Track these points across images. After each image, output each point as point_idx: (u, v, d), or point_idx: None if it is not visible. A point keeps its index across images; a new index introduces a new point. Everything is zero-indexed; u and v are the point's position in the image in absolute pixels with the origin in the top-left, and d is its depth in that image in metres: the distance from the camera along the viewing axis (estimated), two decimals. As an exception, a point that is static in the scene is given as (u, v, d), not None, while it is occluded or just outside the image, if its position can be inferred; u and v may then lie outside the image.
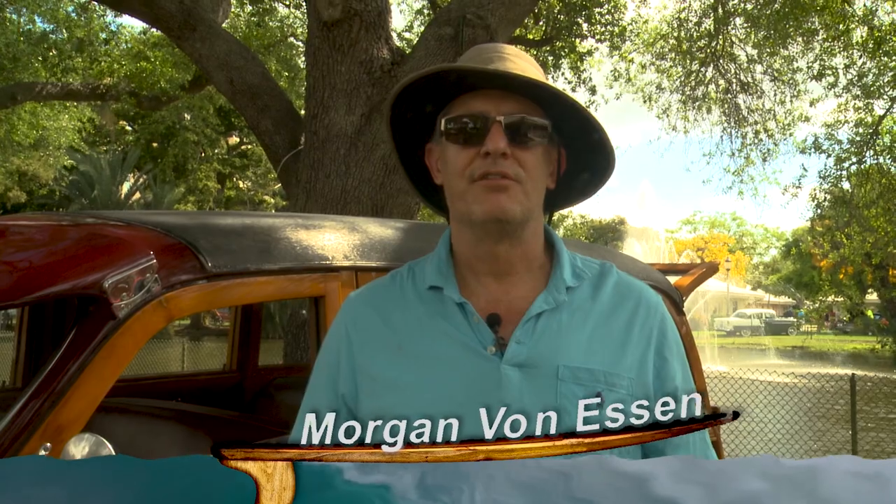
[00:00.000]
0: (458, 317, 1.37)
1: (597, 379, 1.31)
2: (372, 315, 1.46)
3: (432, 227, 3.44)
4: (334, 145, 5.65)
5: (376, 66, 5.77)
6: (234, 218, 2.48)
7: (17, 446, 1.79)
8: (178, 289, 2.05)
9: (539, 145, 1.35)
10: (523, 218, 1.34)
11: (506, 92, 1.34)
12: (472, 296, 1.39)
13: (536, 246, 1.42)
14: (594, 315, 1.38)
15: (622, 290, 1.42)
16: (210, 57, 6.51)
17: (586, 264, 1.44)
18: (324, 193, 5.56)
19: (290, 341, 5.50)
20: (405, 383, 1.36)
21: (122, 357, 1.96)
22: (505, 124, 1.32)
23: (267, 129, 6.39)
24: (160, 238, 2.13)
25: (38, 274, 2.03)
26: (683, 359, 1.42)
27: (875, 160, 14.74)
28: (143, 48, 14.43)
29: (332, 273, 2.34)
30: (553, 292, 1.37)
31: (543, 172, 1.37)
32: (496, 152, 1.31)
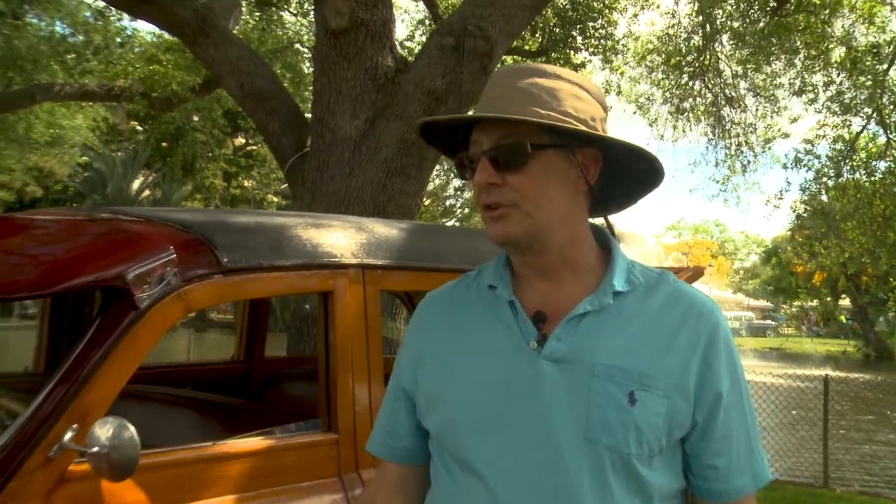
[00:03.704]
0: (508, 314, 1.38)
1: (631, 378, 1.28)
2: (439, 312, 1.50)
3: (433, 228, 3.47)
4: (339, 148, 5.66)
5: (381, 73, 5.78)
6: (248, 216, 2.50)
7: (46, 429, 1.81)
8: (195, 282, 2.08)
9: (529, 163, 1.31)
10: (529, 235, 1.33)
11: (495, 123, 1.33)
12: (522, 295, 1.40)
13: (576, 251, 1.39)
14: (640, 319, 1.35)
15: (675, 297, 1.38)
16: (222, 62, 6.51)
17: (644, 272, 1.42)
18: (328, 194, 5.57)
19: (293, 334, 5.51)
20: (456, 373, 1.39)
21: (142, 346, 1.98)
22: (489, 156, 1.32)
23: (274, 131, 6.39)
24: (179, 234, 2.16)
25: (65, 266, 2.05)
26: (735, 369, 1.36)
27: (852, 175, 14.79)
28: (156, 52, 14.44)
29: (340, 270, 2.37)
30: (600, 296, 1.35)
31: (551, 184, 1.33)
32: (481, 185, 1.32)
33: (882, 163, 14.44)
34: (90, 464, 1.77)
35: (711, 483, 1.35)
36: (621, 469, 1.26)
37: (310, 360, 4.34)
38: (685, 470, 1.36)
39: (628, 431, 1.26)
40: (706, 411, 1.32)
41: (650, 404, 1.27)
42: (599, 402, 1.27)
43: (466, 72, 5.61)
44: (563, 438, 1.27)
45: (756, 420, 1.42)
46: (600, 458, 1.26)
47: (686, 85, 13.81)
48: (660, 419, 1.28)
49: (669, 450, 1.32)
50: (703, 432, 1.32)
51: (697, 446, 1.33)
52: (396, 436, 1.51)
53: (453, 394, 1.37)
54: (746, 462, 1.36)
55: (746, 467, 1.36)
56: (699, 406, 1.31)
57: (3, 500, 1.75)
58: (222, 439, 2.21)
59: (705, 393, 1.31)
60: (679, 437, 1.32)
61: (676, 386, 1.29)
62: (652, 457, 1.29)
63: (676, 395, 1.29)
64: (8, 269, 2.11)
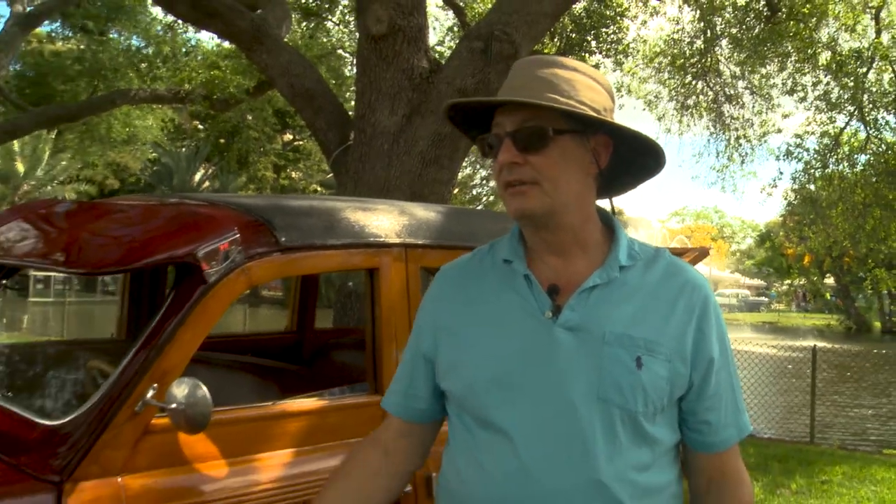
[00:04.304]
0: (523, 286, 1.38)
1: (637, 345, 1.30)
2: (456, 283, 1.49)
3: (467, 212, 3.46)
4: (379, 141, 5.64)
5: (416, 73, 5.75)
6: (301, 200, 2.50)
7: (131, 387, 1.83)
8: (256, 259, 2.08)
9: (549, 146, 1.31)
10: (547, 212, 1.32)
11: (518, 106, 1.32)
12: (536, 269, 1.39)
13: (586, 230, 1.39)
14: (643, 291, 1.36)
15: (671, 270, 1.39)
16: (274, 66, 6.50)
17: (642, 248, 1.42)
18: (369, 183, 5.56)
19: (338, 308, 5.53)
20: (475, 340, 1.39)
21: (211, 316, 1.99)
22: (512, 137, 1.31)
23: (321, 127, 6.38)
24: (242, 216, 2.16)
25: (143, 245, 2.06)
26: (723, 336, 1.40)
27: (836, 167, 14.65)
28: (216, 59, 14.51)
29: (385, 249, 2.36)
30: (607, 269, 1.36)
31: (567, 167, 1.32)
32: (505, 163, 1.31)
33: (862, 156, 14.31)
34: (169, 418, 1.78)
35: (704, 436, 1.39)
36: (629, 425, 1.29)
37: (354, 331, 4.35)
38: (680, 425, 1.39)
39: (636, 392, 1.28)
40: (701, 374, 1.35)
41: (655, 368, 1.30)
42: (610, 366, 1.29)
43: (493, 72, 5.56)
44: (577, 397, 1.29)
45: (739, 379, 1.46)
46: (611, 415, 1.28)
47: (690, 84, 13.70)
48: (663, 381, 1.31)
49: (669, 408, 1.35)
50: (698, 392, 1.36)
51: (693, 404, 1.37)
52: (414, 398, 1.51)
53: (474, 359, 1.37)
54: (733, 416, 1.40)
55: (733, 421, 1.40)
56: (695, 369, 1.34)
57: (98, 448, 1.77)
58: (280, 400, 2.22)
59: (700, 357, 1.34)
60: (677, 396, 1.35)
61: (676, 351, 1.32)
62: (655, 414, 1.31)
63: (676, 359, 1.32)
64: (95, 247, 2.13)
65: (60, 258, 2.15)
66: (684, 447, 1.43)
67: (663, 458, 1.35)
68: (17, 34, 12.98)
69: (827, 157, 14.54)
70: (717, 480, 1.41)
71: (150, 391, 1.83)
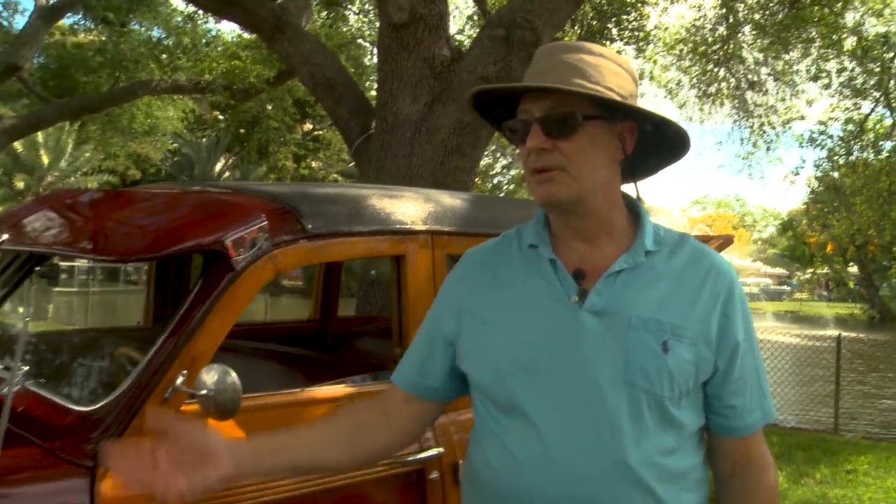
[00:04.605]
0: (549, 271, 1.38)
1: (664, 329, 1.30)
2: (481, 267, 1.49)
3: (491, 199, 3.44)
4: (401, 130, 5.63)
5: (438, 62, 5.72)
6: (327, 188, 2.50)
7: (161, 374, 1.84)
8: (283, 246, 2.08)
9: (578, 132, 1.30)
10: (574, 199, 1.32)
11: (546, 93, 1.31)
12: (562, 254, 1.39)
13: (612, 215, 1.38)
14: (668, 276, 1.36)
15: (697, 256, 1.39)
16: (295, 55, 6.50)
17: (667, 233, 1.42)
18: (391, 171, 5.55)
19: (361, 297, 5.54)
20: (500, 324, 1.39)
21: (239, 303, 1.99)
22: (541, 122, 1.31)
23: (342, 115, 6.38)
24: (268, 204, 2.16)
25: (171, 233, 2.06)
26: (748, 321, 1.39)
27: (861, 154, 14.47)
28: (236, 49, 14.55)
29: (412, 236, 2.35)
30: (633, 254, 1.36)
31: (595, 152, 1.32)
32: (534, 149, 1.31)
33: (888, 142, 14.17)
34: (199, 404, 1.79)
35: (729, 420, 1.39)
36: (655, 409, 1.29)
37: (377, 319, 4.35)
38: (705, 409, 1.39)
39: (662, 376, 1.28)
40: (726, 358, 1.34)
41: (680, 352, 1.30)
42: (636, 350, 1.29)
43: (515, 60, 5.53)
44: (604, 381, 1.28)
45: (763, 365, 1.45)
46: (638, 399, 1.28)
47: (712, 71, 13.56)
48: (689, 365, 1.30)
49: (694, 392, 1.34)
50: (723, 376, 1.35)
51: (718, 388, 1.37)
52: (426, 375, 1.50)
53: (499, 343, 1.37)
54: (758, 401, 1.40)
55: (758, 405, 1.40)
56: (720, 353, 1.34)
57: (130, 434, 1.79)
58: (305, 387, 2.23)
59: (725, 342, 1.34)
60: (703, 380, 1.34)
61: (702, 336, 1.32)
62: (681, 398, 1.31)
63: (702, 344, 1.32)
64: (123, 235, 2.14)
65: (89, 246, 2.17)
66: (709, 431, 1.42)
67: (688, 441, 1.35)
68: (41, 27, 13.08)
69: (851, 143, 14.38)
70: (741, 465, 1.42)
71: (179, 378, 1.85)
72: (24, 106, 18.16)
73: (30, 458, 1.75)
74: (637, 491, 1.27)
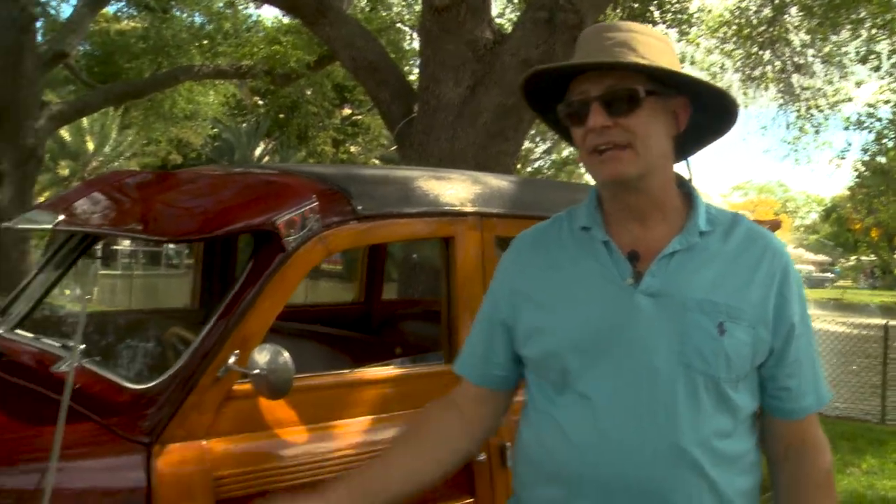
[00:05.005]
0: (603, 253, 1.37)
1: (719, 311, 1.29)
2: (533, 250, 1.48)
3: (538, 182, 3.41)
4: (443, 113, 5.61)
5: (480, 45, 5.68)
6: (375, 170, 2.50)
7: (214, 353, 1.85)
8: (333, 228, 2.08)
9: (641, 107, 1.29)
10: (639, 175, 1.31)
11: (602, 71, 1.31)
12: (615, 236, 1.38)
13: (666, 194, 1.38)
14: (723, 256, 1.34)
15: (751, 236, 1.37)
16: (337, 38, 6.50)
17: (720, 213, 1.41)
18: (434, 155, 5.53)
19: (403, 280, 5.55)
20: (555, 306, 1.38)
21: (289, 283, 2.00)
22: (602, 100, 1.30)
23: (385, 99, 6.37)
24: (317, 185, 2.16)
25: (222, 213, 2.07)
26: (803, 302, 1.37)
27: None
28: (277, 34, 14.62)
29: (461, 217, 2.34)
30: (687, 235, 1.35)
31: (656, 127, 1.32)
32: (596, 127, 1.30)
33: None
34: (252, 384, 1.80)
35: (784, 402, 1.37)
36: (713, 391, 1.28)
37: (421, 302, 4.36)
38: (759, 391, 1.37)
39: (719, 358, 1.27)
40: (782, 339, 1.33)
41: (737, 334, 1.28)
42: (693, 332, 1.28)
43: (558, 42, 5.46)
44: (660, 364, 1.28)
45: (817, 348, 1.44)
46: (694, 381, 1.27)
47: (756, 54, 13.28)
48: (746, 347, 1.29)
49: (751, 374, 1.33)
50: (778, 358, 1.34)
51: (773, 370, 1.35)
52: (491, 363, 1.49)
53: (555, 325, 1.36)
54: (812, 384, 1.38)
55: (812, 388, 1.38)
56: (776, 335, 1.33)
57: (184, 412, 1.81)
58: (352, 368, 2.23)
59: (781, 323, 1.33)
60: (759, 362, 1.33)
61: (758, 317, 1.31)
62: (738, 381, 1.30)
63: (759, 325, 1.30)
64: (175, 216, 2.16)
65: (142, 227, 2.19)
66: (763, 414, 1.41)
67: (743, 424, 1.34)
68: (87, 15, 13.29)
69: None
70: (796, 447, 1.40)
71: (231, 357, 1.86)
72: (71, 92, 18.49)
73: (88, 433, 1.78)
74: (692, 474, 1.26)
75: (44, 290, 2.61)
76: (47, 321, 2.71)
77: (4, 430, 1.83)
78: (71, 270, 2.71)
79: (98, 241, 2.77)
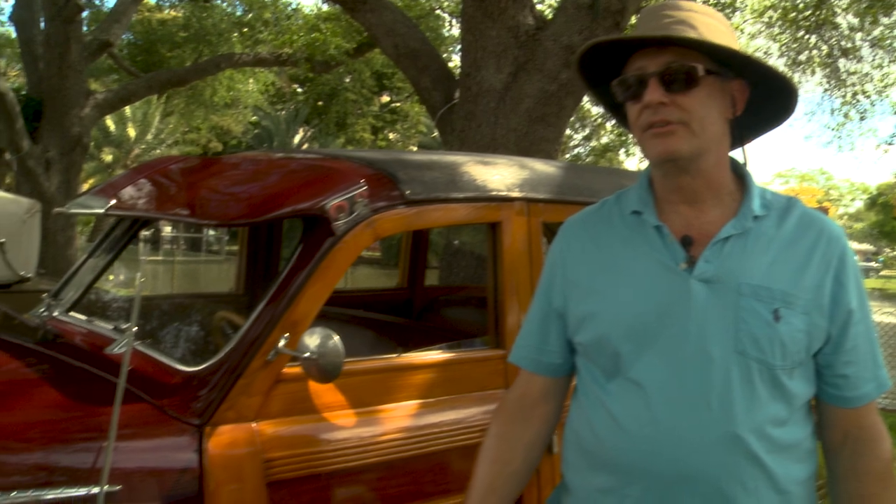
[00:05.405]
0: (655, 237, 1.34)
1: (774, 297, 1.26)
2: (583, 235, 1.45)
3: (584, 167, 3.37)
4: (485, 99, 5.57)
5: (522, 30, 5.63)
6: (422, 155, 2.48)
7: (264, 336, 1.86)
8: (382, 212, 2.07)
9: (699, 86, 1.27)
10: (693, 155, 1.28)
11: (660, 47, 1.28)
12: (667, 220, 1.35)
13: (720, 176, 1.35)
14: (778, 242, 1.31)
15: (806, 221, 1.33)
16: (378, 25, 6.49)
17: (775, 197, 1.37)
18: (475, 141, 5.51)
19: (444, 267, 5.55)
20: (607, 291, 1.36)
21: (338, 268, 2.00)
22: (659, 77, 1.27)
23: (426, 86, 6.35)
24: (366, 169, 2.15)
25: (271, 197, 2.06)
26: (861, 287, 1.34)
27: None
28: (317, 22, 14.67)
29: (508, 202, 2.32)
30: (741, 220, 1.31)
31: (712, 108, 1.29)
32: (652, 103, 1.27)
33: None
34: (302, 367, 1.81)
35: (842, 390, 1.34)
36: (767, 378, 1.25)
37: (463, 288, 4.35)
38: (816, 378, 1.34)
39: (774, 345, 1.24)
40: (839, 326, 1.30)
41: (793, 321, 1.26)
42: (747, 318, 1.25)
43: (600, 28, 5.40)
44: (715, 350, 1.25)
45: (876, 334, 1.38)
46: (749, 369, 1.24)
47: (802, 38, 13.00)
48: (801, 334, 1.26)
49: (807, 362, 1.30)
50: (835, 345, 1.31)
51: (830, 358, 1.32)
52: (546, 352, 1.48)
53: (607, 311, 1.34)
54: (871, 370, 1.35)
55: (871, 375, 1.34)
56: (833, 321, 1.30)
57: (234, 394, 1.82)
58: (397, 353, 2.23)
59: (838, 309, 1.30)
60: (815, 349, 1.30)
61: (814, 303, 1.28)
62: (793, 368, 1.27)
63: (814, 311, 1.28)
64: (225, 200, 2.17)
65: (191, 211, 2.20)
66: (819, 402, 1.38)
67: (799, 412, 1.31)
68: (129, 5, 13.47)
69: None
70: (854, 436, 1.36)
71: (281, 341, 1.87)
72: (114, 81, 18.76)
73: (141, 414, 1.80)
74: (747, 462, 1.24)
75: (95, 275, 2.64)
76: (97, 305, 2.74)
77: (60, 410, 1.86)
78: (120, 255, 2.74)
79: (146, 227, 2.80)
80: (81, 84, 12.57)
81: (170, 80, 14.76)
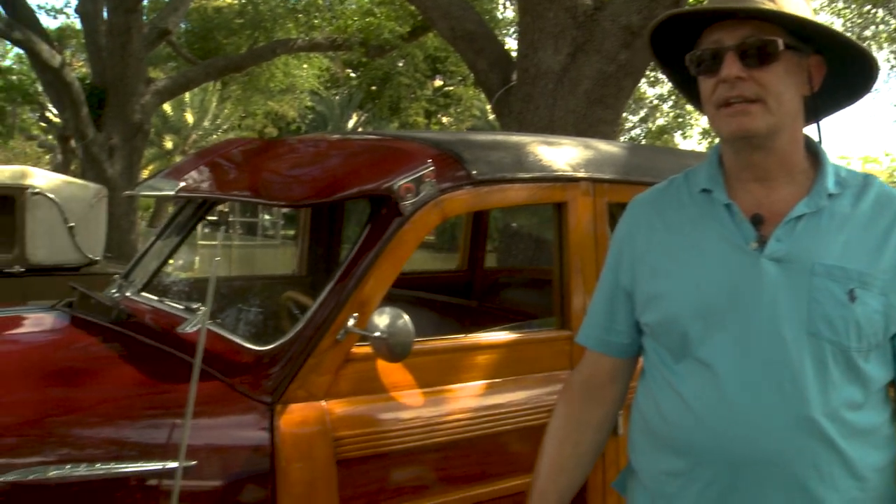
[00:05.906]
0: (725, 216, 1.31)
1: (850, 277, 1.21)
2: (650, 213, 1.42)
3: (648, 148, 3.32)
4: (543, 81, 5.52)
5: (580, 11, 5.55)
6: (487, 135, 2.47)
7: (333, 316, 1.88)
8: (449, 192, 2.07)
9: (778, 61, 1.22)
10: (769, 132, 1.24)
11: (738, 20, 1.24)
12: (737, 198, 1.31)
13: (794, 154, 1.30)
14: (853, 221, 1.26)
15: (883, 200, 1.28)
16: (434, 8, 6.47)
17: (850, 174, 1.32)
18: (533, 123, 5.47)
19: (501, 249, 5.54)
20: (675, 271, 1.33)
21: (406, 248, 2.00)
22: (737, 50, 1.23)
23: (483, 68, 6.31)
24: (432, 150, 2.15)
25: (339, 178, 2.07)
26: None
27: None
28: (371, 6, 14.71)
29: (573, 183, 2.29)
30: (815, 198, 1.27)
31: (789, 84, 1.25)
32: (729, 78, 1.23)
33: None
34: (371, 346, 1.82)
35: None
36: (842, 361, 1.21)
37: (523, 270, 4.33)
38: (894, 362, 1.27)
39: (849, 327, 1.20)
40: None
41: (869, 301, 1.21)
42: (821, 299, 1.21)
43: (660, 7, 5.28)
44: (786, 332, 1.21)
45: None
46: (822, 351, 1.20)
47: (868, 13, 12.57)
48: (878, 315, 1.21)
49: (884, 344, 1.25)
50: None
51: None
52: (614, 332, 1.45)
53: (676, 290, 1.31)
54: None
55: None
56: None
57: (304, 373, 1.84)
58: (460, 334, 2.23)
59: None
60: (893, 332, 1.24)
61: (891, 284, 1.22)
62: (870, 351, 1.22)
63: (892, 292, 1.22)
64: (292, 181, 2.18)
65: (257, 193, 2.22)
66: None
67: (876, 396, 1.26)
68: (186, -6, 13.66)
69: None
70: None
71: (350, 320, 1.88)
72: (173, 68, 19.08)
73: (213, 391, 1.84)
74: (822, 446, 1.20)
75: (163, 257, 2.70)
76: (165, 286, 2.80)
77: (135, 387, 1.91)
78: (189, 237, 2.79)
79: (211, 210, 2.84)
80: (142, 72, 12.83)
81: (226, 67, 14.96)
